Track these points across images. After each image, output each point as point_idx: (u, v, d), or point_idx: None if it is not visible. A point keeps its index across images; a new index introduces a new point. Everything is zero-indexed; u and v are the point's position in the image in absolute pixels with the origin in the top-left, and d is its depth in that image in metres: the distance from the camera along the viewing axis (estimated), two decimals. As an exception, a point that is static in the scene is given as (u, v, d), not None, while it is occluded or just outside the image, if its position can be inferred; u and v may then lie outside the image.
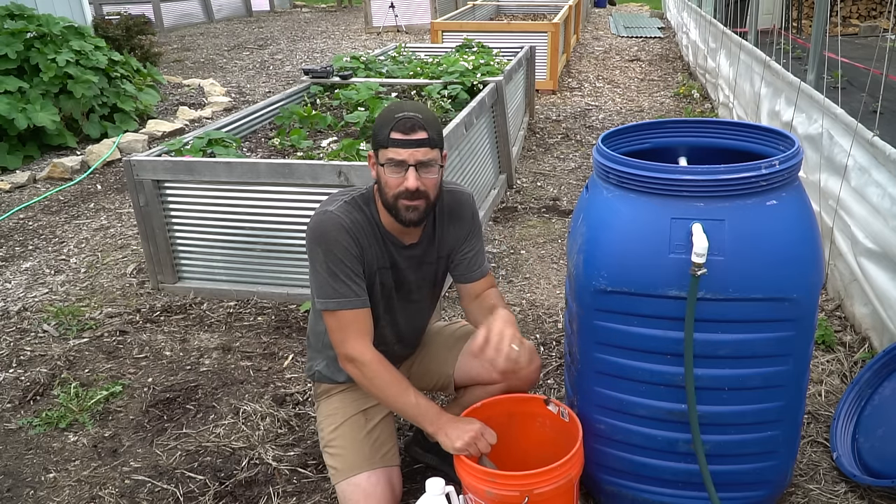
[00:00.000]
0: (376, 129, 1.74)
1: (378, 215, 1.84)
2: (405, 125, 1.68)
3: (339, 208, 1.79)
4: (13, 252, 4.11)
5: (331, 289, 1.76)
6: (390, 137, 1.69)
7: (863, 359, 2.70)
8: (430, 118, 1.73)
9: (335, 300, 1.76)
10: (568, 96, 7.61)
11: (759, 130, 1.96)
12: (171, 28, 14.31)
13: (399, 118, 1.69)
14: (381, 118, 1.74)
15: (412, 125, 1.69)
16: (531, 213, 4.43)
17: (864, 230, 2.83)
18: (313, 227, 1.78)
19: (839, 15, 9.43)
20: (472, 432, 1.69)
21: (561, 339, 3.00)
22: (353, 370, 1.81)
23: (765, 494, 1.94)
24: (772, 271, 1.65)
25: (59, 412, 2.63)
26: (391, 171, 1.71)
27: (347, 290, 1.76)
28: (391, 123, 1.69)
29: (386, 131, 1.70)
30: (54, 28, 6.00)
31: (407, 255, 1.89)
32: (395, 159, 1.70)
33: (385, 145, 1.70)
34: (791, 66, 4.45)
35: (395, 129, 1.69)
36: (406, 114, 1.69)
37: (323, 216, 1.78)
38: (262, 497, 2.21)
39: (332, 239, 1.75)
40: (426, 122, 1.71)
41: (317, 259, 1.77)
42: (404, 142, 1.69)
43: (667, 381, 1.77)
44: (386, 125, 1.70)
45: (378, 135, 1.72)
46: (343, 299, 1.76)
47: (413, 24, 13.11)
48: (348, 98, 4.30)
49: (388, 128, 1.69)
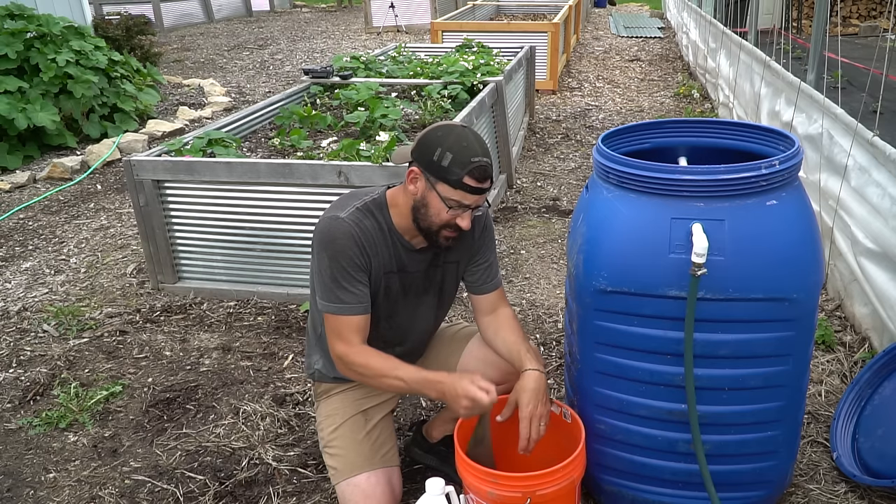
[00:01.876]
0: (445, 163, 1.68)
1: (391, 220, 1.85)
2: (481, 174, 1.70)
3: (351, 215, 1.79)
4: (13, 252, 4.11)
5: (333, 294, 1.78)
6: (463, 182, 1.69)
7: (863, 359, 2.70)
8: (491, 161, 1.75)
9: (336, 305, 1.79)
10: (568, 96, 7.61)
11: (759, 130, 1.96)
12: (171, 28, 14.31)
13: (476, 164, 1.68)
14: (455, 154, 1.68)
15: (486, 175, 1.71)
16: (531, 213, 4.43)
17: (864, 230, 2.83)
18: (322, 231, 1.79)
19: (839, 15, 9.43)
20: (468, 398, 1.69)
21: (561, 339, 3.00)
22: (342, 366, 1.84)
23: (765, 494, 1.94)
24: (772, 271, 1.65)
25: (59, 412, 2.63)
26: (451, 209, 1.73)
27: (350, 296, 1.78)
28: (467, 167, 1.68)
29: (460, 173, 1.68)
30: (54, 28, 6.00)
31: (416, 258, 1.90)
32: (461, 203, 1.72)
33: (455, 186, 1.70)
34: (791, 66, 4.45)
35: (471, 174, 1.69)
36: (482, 161, 1.69)
37: (334, 222, 1.78)
38: (262, 497, 2.21)
39: (340, 247, 1.76)
40: (491, 168, 1.74)
41: (322, 263, 1.78)
42: (477, 189, 1.71)
43: (667, 381, 1.77)
44: (460, 166, 1.68)
45: (447, 171, 1.69)
46: (344, 305, 1.79)
47: (413, 24, 13.11)
48: (348, 98, 4.30)
49: (462, 170, 1.68)
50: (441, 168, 1.69)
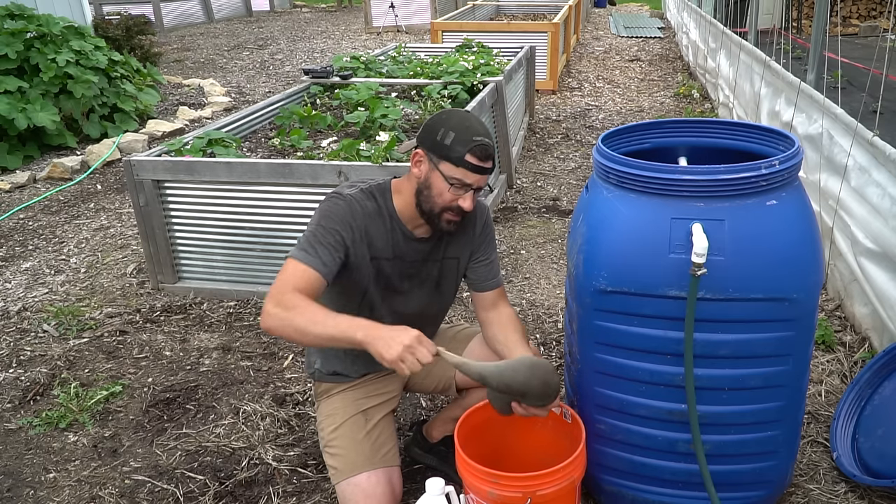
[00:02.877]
0: (447, 142, 1.72)
1: (393, 206, 1.86)
2: (482, 152, 1.72)
3: (354, 194, 1.83)
4: (13, 252, 4.11)
5: (305, 242, 1.75)
6: (465, 159, 1.72)
7: (863, 359, 2.70)
8: (493, 143, 1.77)
9: (300, 252, 1.73)
10: (568, 96, 7.61)
11: (759, 130, 1.96)
12: (171, 28, 14.30)
13: (478, 143, 1.72)
14: (456, 132, 1.72)
15: (488, 154, 1.73)
16: (531, 213, 4.44)
17: (864, 230, 2.83)
18: (323, 205, 1.82)
19: (839, 15, 9.43)
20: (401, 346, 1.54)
21: (561, 339, 3.00)
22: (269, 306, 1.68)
23: (765, 494, 1.94)
24: (772, 271, 1.65)
25: (59, 412, 2.63)
26: (453, 188, 1.75)
27: (316, 252, 1.73)
28: (469, 145, 1.71)
29: (462, 150, 1.71)
30: (54, 28, 6.00)
31: (415, 247, 1.90)
32: (463, 181, 1.74)
33: (455, 164, 1.72)
34: (791, 66, 4.45)
35: (473, 152, 1.71)
36: (484, 140, 1.73)
37: (336, 198, 1.82)
38: (262, 497, 2.22)
39: (332, 213, 1.78)
40: (493, 149, 1.77)
41: (311, 223, 1.79)
42: (478, 168, 1.73)
43: (667, 381, 1.77)
44: (462, 144, 1.71)
45: (450, 149, 1.72)
46: (307, 256, 1.72)
47: (413, 24, 13.11)
48: (348, 98, 4.30)
49: (463, 147, 1.71)
50: (444, 147, 1.73)
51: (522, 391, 1.68)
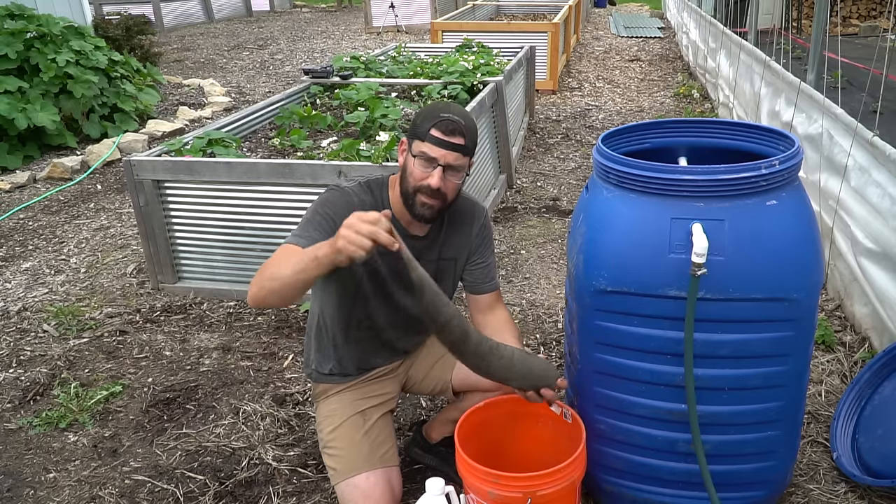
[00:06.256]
0: (418, 121, 1.77)
1: (388, 201, 1.88)
2: (447, 126, 1.73)
3: (352, 187, 1.86)
4: (13, 252, 4.11)
5: (299, 228, 1.77)
6: (430, 133, 1.73)
7: (863, 359, 2.70)
8: (470, 126, 1.77)
9: (293, 237, 1.74)
10: (568, 96, 7.61)
11: (759, 130, 1.96)
12: (171, 28, 14.31)
13: (444, 118, 1.73)
14: (426, 112, 1.78)
15: (453, 129, 1.73)
16: (531, 213, 4.43)
17: (864, 230, 2.83)
18: (320, 196, 1.85)
19: (839, 15, 9.43)
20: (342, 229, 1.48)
21: (561, 339, 3.00)
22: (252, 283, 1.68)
23: (765, 494, 1.94)
24: (772, 271, 1.65)
25: (59, 412, 2.63)
26: (421, 164, 1.75)
27: (308, 234, 1.73)
28: (434, 120, 1.73)
29: (427, 126, 1.74)
30: (54, 28, 6.00)
31: (409, 244, 1.88)
32: (428, 154, 1.74)
33: (422, 139, 1.75)
34: (791, 66, 4.45)
35: (437, 127, 1.73)
36: (451, 116, 1.74)
37: (333, 189, 1.85)
38: (262, 497, 2.21)
39: (329, 203, 1.81)
40: (466, 130, 1.75)
41: (307, 212, 1.81)
42: (442, 142, 1.73)
43: (667, 381, 1.77)
44: (428, 120, 1.74)
45: (418, 126, 1.76)
46: (297, 238, 1.72)
47: (413, 24, 13.11)
48: (348, 98, 4.30)
49: (429, 123, 1.73)
50: (415, 126, 1.77)
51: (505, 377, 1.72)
